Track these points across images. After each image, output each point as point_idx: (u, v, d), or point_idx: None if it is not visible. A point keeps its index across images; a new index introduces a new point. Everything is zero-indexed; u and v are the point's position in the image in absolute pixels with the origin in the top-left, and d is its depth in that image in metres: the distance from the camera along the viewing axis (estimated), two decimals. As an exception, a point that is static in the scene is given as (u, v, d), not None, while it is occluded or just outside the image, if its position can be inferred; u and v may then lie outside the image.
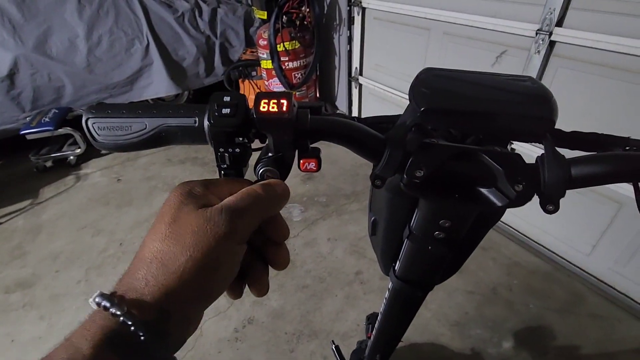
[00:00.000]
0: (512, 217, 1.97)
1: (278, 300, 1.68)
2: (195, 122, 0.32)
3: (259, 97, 0.31)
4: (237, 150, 0.33)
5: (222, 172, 0.35)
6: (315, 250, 1.94)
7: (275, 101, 0.31)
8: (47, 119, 2.46)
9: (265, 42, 2.59)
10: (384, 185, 0.35)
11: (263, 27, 2.68)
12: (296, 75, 2.71)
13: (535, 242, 1.88)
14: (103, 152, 2.82)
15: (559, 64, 1.51)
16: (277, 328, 1.57)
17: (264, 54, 2.65)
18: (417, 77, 0.37)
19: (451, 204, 0.36)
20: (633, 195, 0.34)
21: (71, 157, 2.63)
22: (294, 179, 2.49)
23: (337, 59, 2.86)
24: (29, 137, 2.42)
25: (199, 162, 2.69)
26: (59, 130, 2.46)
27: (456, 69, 0.38)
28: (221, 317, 1.61)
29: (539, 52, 1.53)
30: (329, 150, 2.57)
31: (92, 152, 2.77)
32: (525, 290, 1.70)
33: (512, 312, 1.61)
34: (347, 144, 0.35)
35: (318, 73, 2.96)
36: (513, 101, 0.34)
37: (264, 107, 0.31)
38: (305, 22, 2.61)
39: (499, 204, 0.33)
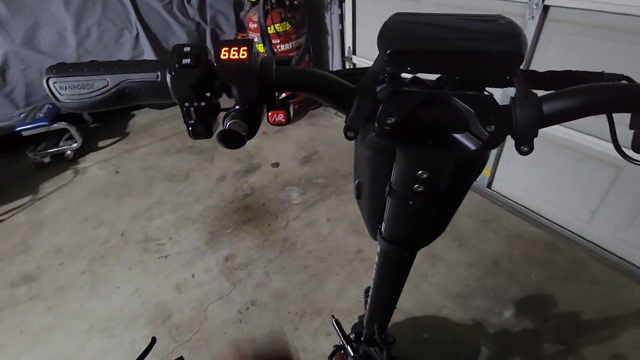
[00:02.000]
0: (512, 189, 1.96)
1: (280, 281, 1.69)
2: (157, 77, 0.32)
3: (219, 45, 0.30)
4: (203, 104, 0.32)
5: (190, 128, 0.34)
6: (316, 231, 1.94)
7: (235, 48, 0.30)
8: (41, 115, 2.45)
9: (255, 25, 2.54)
10: (356, 136, 0.35)
11: (253, 10, 2.63)
12: (289, 57, 2.67)
13: (535, 213, 1.88)
14: (100, 145, 2.82)
15: (554, 28, 1.47)
16: (280, 308, 1.58)
17: (255, 37, 2.61)
18: (385, 23, 0.36)
19: (426, 153, 0.35)
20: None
21: (68, 152, 2.63)
22: (292, 162, 2.49)
23: (329, 38, 2.81)
24: (24, 133, 2.42)
25: (195, 151, 2.68)
26: (54, 125, 2.46)
27: (425, 13, 0.36)
28: (224, 300, 1.63)
29: (533, 17, 1.49)
30: (327, 132, 2.58)
31: (89, 146, 2.77)
32: (526, 260, 1.71)
33: (514, 282, 1.61)
34: (317, 95, 0.34)
35: (311, 54, 2.91)
36: (480, 39, 0.32)
37: (224, 55, 0.30)
38: (295, 2, 2.56)
39: (472, 147, 0.32)
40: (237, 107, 0.33)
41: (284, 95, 0.39)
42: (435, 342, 1.43)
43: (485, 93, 0.35)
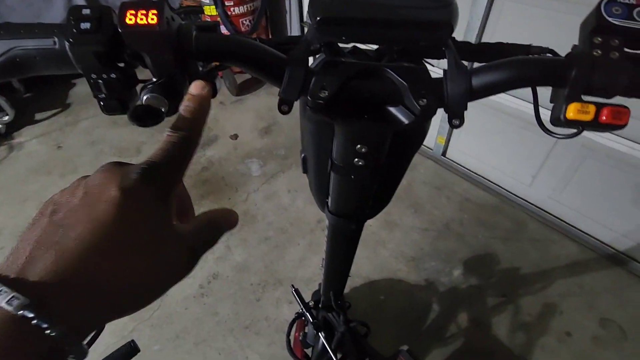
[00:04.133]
0: (465, 156, 2.06)
1: (242, 254, 1.69)
2: (54, 44, 0.28)
3: (123, 7, 0.27)
4: (113, 75, 0.29)
5: (102, 103, 0.31)
6: (276, 203, 1.94)
7: (143, 12, 0.26)
8: (-40, 83, 2.16)
9: (205, -15, 2.35)
10: (290, 110, 0.33)
11: (202, -33, 2.41)
12: (244, 22, 2.52)
13: (485, 178, 1.99)
14: (37, 117, 2.56)
15: (506, -3, 1.49)
16: (242, 280, 1.60)
17: (206, -2, 2.42)
18: None
19: (363, 126, 0.35)
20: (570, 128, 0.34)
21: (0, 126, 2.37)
22: (251, 133, 2.42)
23: (287, 2, 2.67)
24: (-58, 105, 2.13)
25: (147, 123, 2.52)
26: (-22, 95, 2.19)
27: None
28: (184, 278, 1.61)
29: (486, -15, 1.49)
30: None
31: (23, 118, 2.51)
32: (474, 223, 1.83)
33: (463, 243, 1.73)
34: (244, 65, 0.32)
35: (268, 19, 2.77)
36: (412, 7, 0.31)
37: (130, 19, 0.26)
38: (249, -40, 2.38)
39: (406, 121, 0.32)
40: (154, 79, 0.30)
41: (214, 65, 0.37)
42: (390, 303, 1.52)
43: (437, 68, 0.35)
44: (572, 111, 0.29)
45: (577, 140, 1.53)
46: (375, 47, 0.41)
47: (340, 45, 0.38)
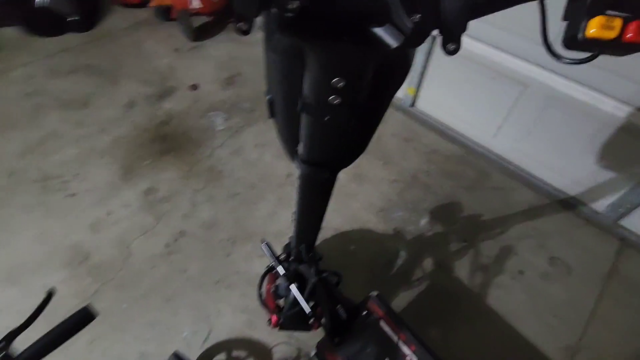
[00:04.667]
0: (434, 108, 2.05)
1: (209, 211, 1.64)
2: None
3: None
4: None
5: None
6: (243, 158, 1.87)
7: None
8: None
9: None
10: (250, 29, 0.27)
11: None
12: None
13: (452, 130, 2.01)
14: (-42, 65, 2.22)
15: None
16: (211, 237, 1.56)
17: None
18: None
19: (341, 52, 0.30)
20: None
21: None
22: (212, 85, 2.25)
23: None
24: None
25: (93, 72, 2.26)
26: None
27: None
28: (149, 235, 1.54)
29: None
30: (251, 50, 2.32)
31: (-59, 66, 2.16)
32: (441, 173, 1.87)
33: (429, 193, 1.78)
34: None
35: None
36: None
37: None
38: None
39: (394, 43, 0.27)
40: None
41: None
42: (360, 252, 1.56)
43: None
44: (595, 26, 0.25)
45: (542, 90, 1.55)
46: None
47: None
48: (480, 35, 1.63)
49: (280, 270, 1.01)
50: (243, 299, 1.38)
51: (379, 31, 0.28)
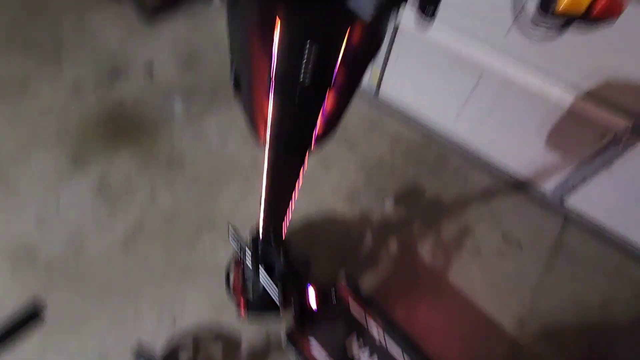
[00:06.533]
0: (397, 94, 2.08)
1: (169, 199, 1.57)
2: None
3: None
4: None
5: None
6: (205, 144, 1.79)
7: None
8: None
9: None
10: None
11: None
12: None
13: (415, 116, 2.06)
14: None
15: None
16: (173, 227, 1.50)
17: None
18: None
19: (314, 14, 0.28)
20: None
21: None
22: (169, 66, 2.13)
23: None
24: None
25: (31, 50, 2.04)
26: None
27: None
28: (104, 227, 1.45)
29: None
30: (210, 28, 2.20)
31: None
32: (404, 159, 1.92)
33: (393, 178, 1.82)
34: None
35: None
36: None
37: None
38: None
39: (371, 5, 0.26)
40: None
41: None
42: (327, 236, 1.57)
43: None
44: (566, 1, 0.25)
45: (498, 76, 1.62)
46: None
47: None
48: (441, 20, 1.66)
49: (248, 254, 0.99)
50: (210, 286, 1.35)
51: None
